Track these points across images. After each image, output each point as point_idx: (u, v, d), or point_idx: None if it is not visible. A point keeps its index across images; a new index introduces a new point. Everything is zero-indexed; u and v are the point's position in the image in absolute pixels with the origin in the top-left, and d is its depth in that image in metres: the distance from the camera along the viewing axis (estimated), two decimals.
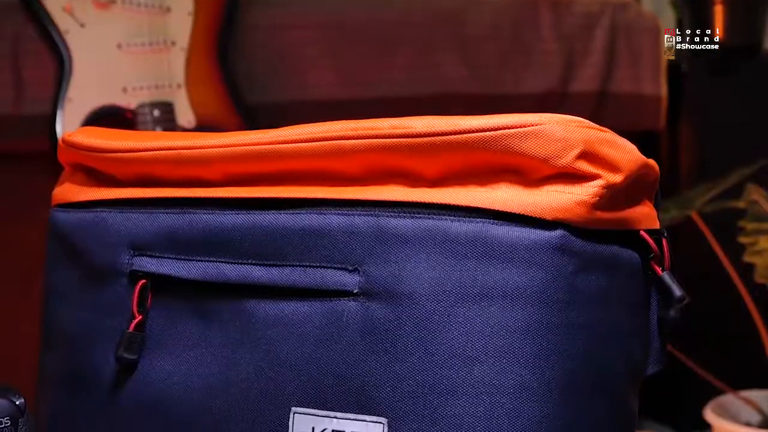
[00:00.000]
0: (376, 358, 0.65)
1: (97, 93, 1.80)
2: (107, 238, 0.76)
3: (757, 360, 2.39)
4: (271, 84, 2.05)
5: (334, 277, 0.67)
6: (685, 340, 2.19)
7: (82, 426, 0.76)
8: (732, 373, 2.39)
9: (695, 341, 2.43)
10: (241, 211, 0.71)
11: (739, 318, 2.30)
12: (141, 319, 0.74)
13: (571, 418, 0.63)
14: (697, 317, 2.08)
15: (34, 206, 1.28)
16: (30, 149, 1.87)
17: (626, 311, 0.66)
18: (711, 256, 2.22)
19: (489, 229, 0.63)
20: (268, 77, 2.04)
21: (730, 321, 2.46)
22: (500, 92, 2.14)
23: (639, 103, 2.23)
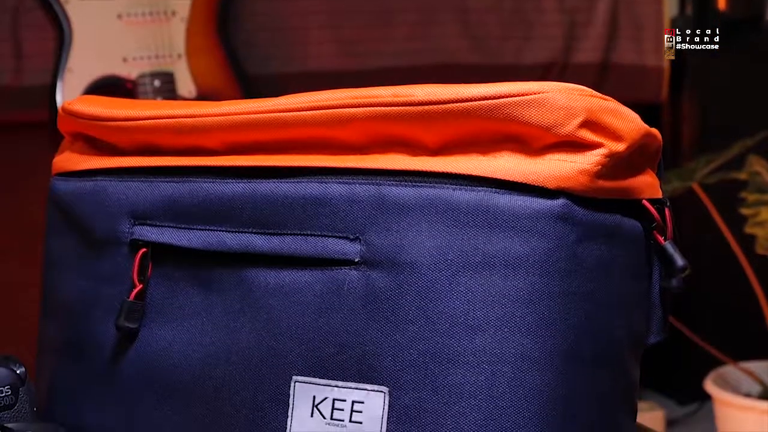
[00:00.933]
0: (377, 327, 0.65)
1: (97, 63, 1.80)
2: (107, 206, 0.76)
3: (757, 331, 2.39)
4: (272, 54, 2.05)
5: (335, 245, 0.67)
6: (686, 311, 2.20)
7: (82, 394, 0.76)
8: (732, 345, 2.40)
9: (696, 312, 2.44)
10: (241, 180, 0.71)
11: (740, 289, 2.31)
12: (141, 288, 0.74)
13: (572, 388, 0.63)
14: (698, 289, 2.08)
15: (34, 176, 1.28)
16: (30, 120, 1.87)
17: (628, 281, 0.66)
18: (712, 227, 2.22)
19: (491, 197, 0.63)
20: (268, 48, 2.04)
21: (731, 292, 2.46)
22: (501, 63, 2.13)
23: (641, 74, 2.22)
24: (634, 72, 2.21)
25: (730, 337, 2.49)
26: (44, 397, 0.79)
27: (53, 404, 0.78)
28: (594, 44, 2.12)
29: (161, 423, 0.72)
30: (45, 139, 1.61)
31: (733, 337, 2.51)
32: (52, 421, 0.76)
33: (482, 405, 0.62)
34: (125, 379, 0.74)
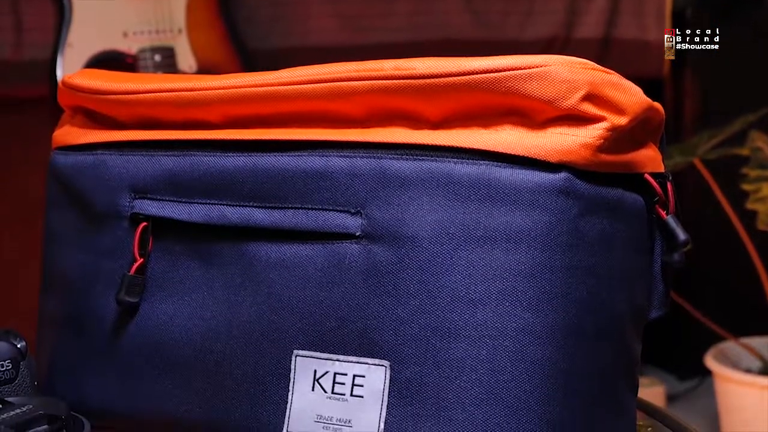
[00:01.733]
0: (379, 301, 0.65)
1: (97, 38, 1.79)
2: (108, 180, 0.76)
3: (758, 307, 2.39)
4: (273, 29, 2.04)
5: (336, 219, 0.66)
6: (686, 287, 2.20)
7: (82, 368, 0.76)
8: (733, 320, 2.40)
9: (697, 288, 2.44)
10: (242, 154, 0.70)
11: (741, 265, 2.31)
12: (142, 262, 0.74)
13: (573, 362, 0.63)
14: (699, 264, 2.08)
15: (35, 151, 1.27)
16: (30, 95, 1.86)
17: (630, 255, 0.66)
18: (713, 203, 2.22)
19: (492, 171, 0.63)
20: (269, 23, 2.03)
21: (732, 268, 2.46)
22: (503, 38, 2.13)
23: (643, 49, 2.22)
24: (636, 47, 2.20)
25: (730, 313, 2.49)
26: (45, 371, 0.79)
27: (54, 378, 0.78)
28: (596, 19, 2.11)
29: (162, 397, 0.72)
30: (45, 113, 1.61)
31: (733, 313, 2.51)
32: (52, 395, 0.76)
33: (483, 379, 0.62)
34: (126, 353, 0.74)
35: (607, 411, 0.65)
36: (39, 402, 0.69)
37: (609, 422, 0.65)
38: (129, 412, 0.74)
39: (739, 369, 2.25)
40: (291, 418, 0.67)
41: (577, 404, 0.63)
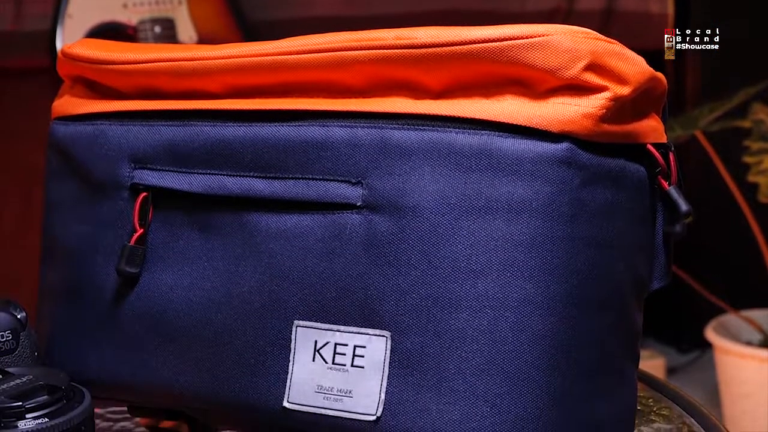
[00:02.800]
0: (380, 271, 0.64)
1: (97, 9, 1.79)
2: (107, 150, 0.75)
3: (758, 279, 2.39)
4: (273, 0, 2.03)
5: (337, 189, 0.66)
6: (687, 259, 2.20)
7: (82, 339, 0.76)
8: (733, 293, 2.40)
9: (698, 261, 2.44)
10: (242, 123, 0.70)
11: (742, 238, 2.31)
12: (142, 232, 0.74)
13: (575, 332, 0.62)
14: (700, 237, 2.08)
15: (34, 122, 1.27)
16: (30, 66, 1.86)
17: (632, 225, 0.66)
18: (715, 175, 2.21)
19: (494, 141, 0.63)
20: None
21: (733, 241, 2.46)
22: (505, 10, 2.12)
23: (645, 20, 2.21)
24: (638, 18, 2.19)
25: (731, 286, 2.49)
26: (45, 341, 0.79)
27: (54, 349, 0.78)
28: None
29: (162, 367, 0.72)
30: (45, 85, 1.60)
31: (734, 286, 2.51)
32: (52, 365, 0.76)
33: (484, 350, 0.62)
34: (126, 323, 0.74)
35: (609, 382, 0.65)
36: (39, 372, 0.69)
37: (610, 393, 0.65)
38: (129, 383, 0.74)
39: (740, 341, 2.25)
40: (291, 389, 0.67)
41: (579, 375, 0.63)
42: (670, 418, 0.87)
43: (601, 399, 0.65)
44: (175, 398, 0.73)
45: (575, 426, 0.63)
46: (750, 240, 2.25)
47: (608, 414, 0.65)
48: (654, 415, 0.87)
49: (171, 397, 0.73)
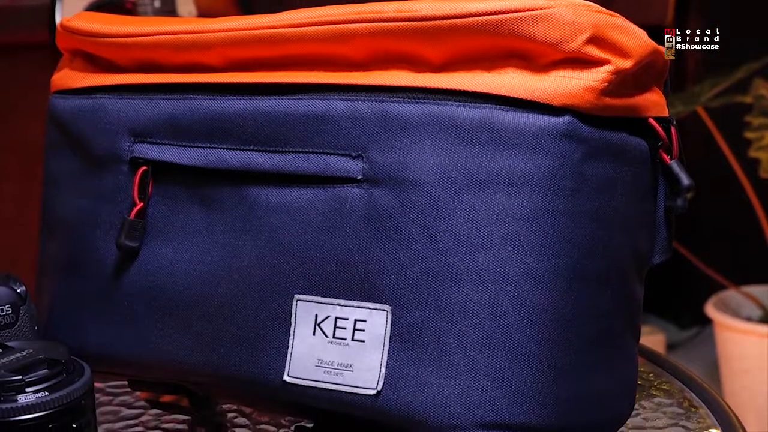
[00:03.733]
0: (380, 245, 0.64)
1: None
2: (107, 124, 0.75)
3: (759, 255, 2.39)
4: None
5: (338, 163, 0.66)
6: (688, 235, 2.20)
7: (82, 313, 0.76)
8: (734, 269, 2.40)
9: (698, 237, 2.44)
10: (242, 97, 0.70)
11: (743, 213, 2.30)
12: (142, 206, 0.73)
13: (576, 307, 0.62)
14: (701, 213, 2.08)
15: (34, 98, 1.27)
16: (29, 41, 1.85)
17: (633, 200, 0.65)
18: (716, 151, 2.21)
19: (495, 114, 0.62)
20: None
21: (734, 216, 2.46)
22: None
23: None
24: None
25: (731, 261, 2.49)
26: (45, 316, 0.79)
27: (54, 323, 0.78)
28: None
29: (162, 341, 0.72)
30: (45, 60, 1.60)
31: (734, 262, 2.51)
32: (52, 339, 0.76)
33: (485, 324, 0.62)
34: (126, 297, 0.74)
35: (610, 356, 0.65)
36: (39, 346, 0.69)
37: (611, 367, 0.65)
38: (129, 357, 0.74)
39: (740, 317, 2.25)
40: (291, 363, 0.67)
41: (580, 349, 0.63)
42: (670, 392, 0.87)
43: (601, 373, 0.64)
44: (176, 372, 0.73)
45: (576, 400, 0.63)
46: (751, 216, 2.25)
47: (609, 388, 0.65)
48: (654, 390, 0.87)
49: (171, 371, 0.73)
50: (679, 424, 0.81)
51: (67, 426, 0.66)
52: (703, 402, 0.84)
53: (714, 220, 2.53)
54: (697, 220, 2.26)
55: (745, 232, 2.40)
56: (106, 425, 0.84)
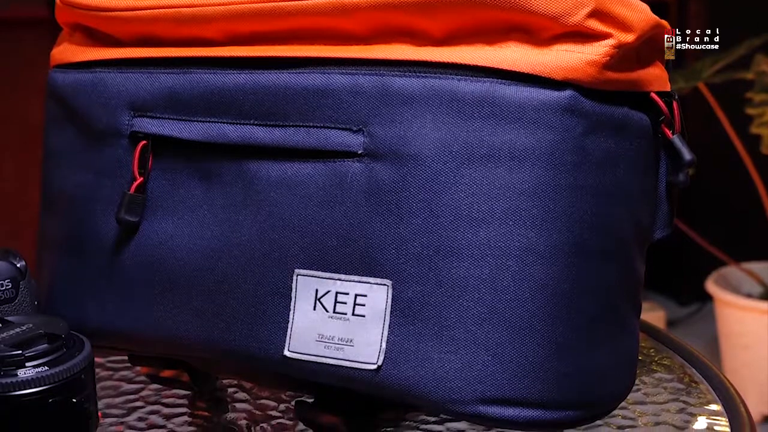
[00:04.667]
0: (381, 219, 0.64)
1: None
2: (107, 98, 0.75)
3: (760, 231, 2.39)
4: None
5: (338, 137, 0.66)
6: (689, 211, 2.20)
7: (82, 288, 0.76)
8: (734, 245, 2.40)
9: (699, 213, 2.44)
10: (242, 71, 0.69)
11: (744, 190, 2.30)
12: (142, 180, 0.73)
13: (577, 282, 0.62)
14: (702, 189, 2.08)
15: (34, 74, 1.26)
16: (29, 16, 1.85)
17: (635, 174, 0.65)
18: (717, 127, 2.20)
19: (497, 89, 0.62)
20: None
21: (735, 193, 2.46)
22: None
23: None
24: None
25: (732, 238, 2.49)
26: (45, 290, 0.79)
27: (54, 298, 0.78)
28: None
29: (162, 316, 0.72)
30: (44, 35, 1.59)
31: (735, 238, 2.51)
32: (52, 314, 0.76)
33: (486, 299, 0.62)
34: (126, 272, 0.74)
35: (611, 331, 0.65)
36: (39, 321, 0.69)
37: (612, 343, 0.65)
38: (129, 332, 0.74)
39: (740, 294, 2.26)
40: (292, 338, 0.67)
41: (581, 324, 0.63)
42: (671, 368, 0.87)
43: (602, 348, 0.64)
44: (176, 347, 0.73)
45: (577, 375, 0.63)
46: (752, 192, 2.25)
47: (610, 363, 0.65)
48: (655, 365, 0.87)
49: (171, 346, 0.73)
50: (680, 400, 0.81)
51: (68, 401, 0.66)
52: (703, 377, 0.84)
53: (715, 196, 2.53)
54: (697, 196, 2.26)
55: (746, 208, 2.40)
56: (107, 400, 0.84)
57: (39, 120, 0.83)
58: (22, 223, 1.24)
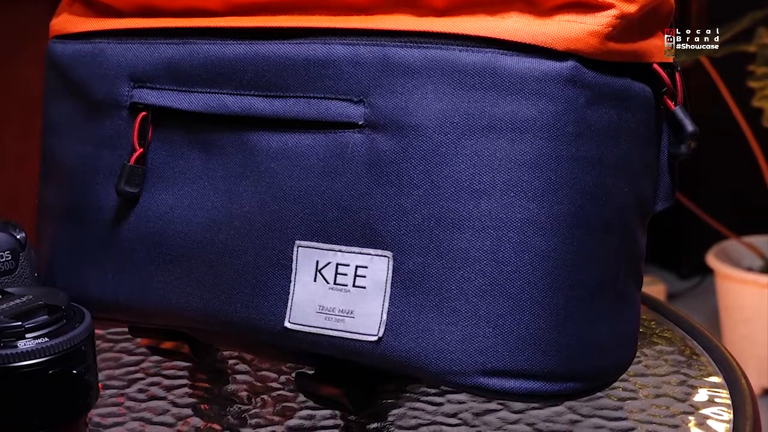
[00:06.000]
0: (382, 191, 0.64)
1: None
2: (106, 69, 0.74)
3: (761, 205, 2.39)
4: None
5: (339, 108, 0.65)
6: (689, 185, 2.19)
7: (82, 259, 0.76)
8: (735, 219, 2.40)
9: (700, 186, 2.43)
10: (243, 42, 0.69)
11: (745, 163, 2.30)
12: (142, 152, 0.73)
13: (578, 253, 0.62)
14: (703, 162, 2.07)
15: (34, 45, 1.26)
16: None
17: (637, 146, 0.65)
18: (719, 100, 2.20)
19: (498, 59, 0.62)
20: None
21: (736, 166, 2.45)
22: None
23: None
24: None
25: (733, 212, 2.49)
26: (44, 262, 0.79)
27: (53, 269, 0.78)
28: None
29: (162, 288, 0.72)
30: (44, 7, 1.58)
31: (736, 211, 2.51)
32: (52, 286, 0.76)
33: (487, 270, 0.62)
34: (126, 244, 0.73)
35: (612, 303, 0.65)
36: (39, 292, 0.69)
37: (614, 314, 0.65)
38: (129, 303, 0.74)
39: (741, 267, 2.26)
40: (292, 309, 0.66)
41: (582, 296, 0.62)
42: (672, 340, 0.87)
43: (604, 320, 0.64)
44: (176, 319, 0.73)
45: (578, 347, 0.63)
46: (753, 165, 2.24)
47: (611, 335, 0.65)
48: (656, 338, 0.87)
49: (171, 317, 0.73)
50: (681, 372, 0.81)
51: (68, 372, 0.66)
52: (704, 350, 0.84)
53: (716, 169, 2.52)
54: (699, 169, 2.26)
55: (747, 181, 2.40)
56: (107, 372, 0.84)
57: (38, 91, 0.82)
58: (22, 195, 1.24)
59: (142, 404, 0.79)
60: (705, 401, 0.77)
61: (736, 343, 2.20)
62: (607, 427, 0.73)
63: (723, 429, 0.72)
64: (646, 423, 0.74)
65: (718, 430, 0.72)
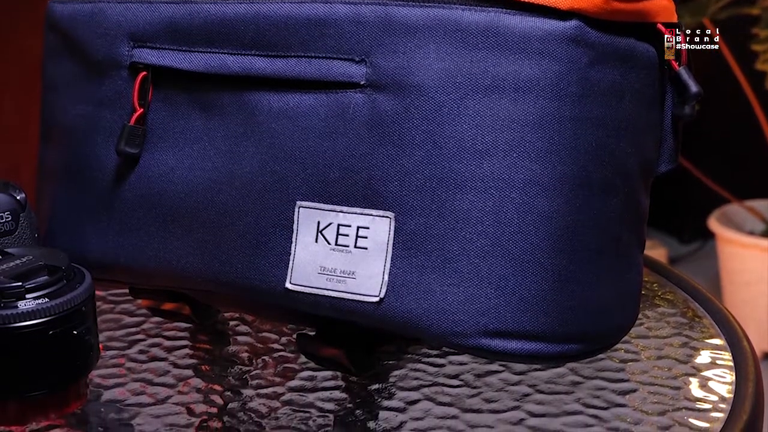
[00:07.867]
0: (384, 151, 0.63)
1: None
2: (106, 29, 0.74)
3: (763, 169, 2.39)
4: None
5: (340, 68, 0.65)
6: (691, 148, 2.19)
7: (82, 220, 0.75)
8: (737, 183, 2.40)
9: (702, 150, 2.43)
10: (243, 1, 0.68)
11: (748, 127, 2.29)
12: (142, 112, 0.72)
13: (581, 214, 0.62)
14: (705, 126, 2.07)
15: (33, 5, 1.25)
16: None
17: (640, 106, 0.64)
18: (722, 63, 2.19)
19: (501, 18, 0.61)
20: None
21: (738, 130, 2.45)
22: None
23: None
24: None
25: (735, 175, 2.49)
26: (45, 223, 0.79)
27: (54, 230, 0.78)
28: None
29: (162, 248, 0.72)
30: None
31: (738, 176, 2.50)
32: (53, 247, 0.76)
33: (489, 231, 0.61)
34: (126, 204, 0.73)
35: (615, 265, 0.64)
36: (39, 253, 0.69)
37: (616, 276, 0.65)
38: (129, 264, 0.73)
39: (742, 231, 2.25)
40: (293, 270, 0.66)
41: (585, 257, 0.62)
42: (674, 302, 0.87)
43: (606, 282, 0.64)
44: (177, 280, 0.72)
45: (580, 308, 0.63)
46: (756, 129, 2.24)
47: (613, 297, 0.65)
48: (658, 300, 0.87)
49: (172, 278, 0.72)
50: (683, 334, 0.81)
51: (68, 333, 0.65)
52: (707, 312, 0.84)
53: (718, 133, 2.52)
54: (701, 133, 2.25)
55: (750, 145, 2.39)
56: (107, 333, 0.84)
57: (39, 54, 0.82)
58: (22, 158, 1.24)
59: (142, 365, 0.79)
60: (707, 363, 0.77)
61: (737, 307, 2.21)
62: (608, 389, 0.73)
63: (725, 390, 0.72)
64: (648, 384, 0.74)
65: (720, 391, 0.72)
